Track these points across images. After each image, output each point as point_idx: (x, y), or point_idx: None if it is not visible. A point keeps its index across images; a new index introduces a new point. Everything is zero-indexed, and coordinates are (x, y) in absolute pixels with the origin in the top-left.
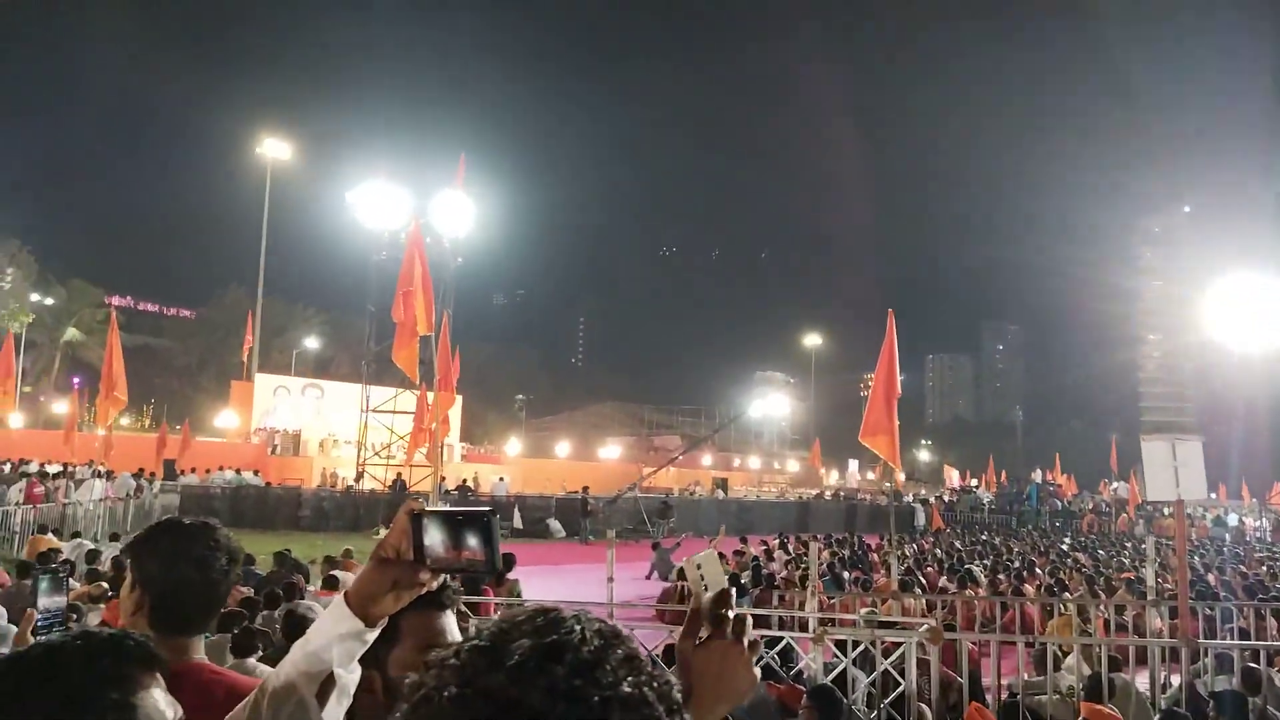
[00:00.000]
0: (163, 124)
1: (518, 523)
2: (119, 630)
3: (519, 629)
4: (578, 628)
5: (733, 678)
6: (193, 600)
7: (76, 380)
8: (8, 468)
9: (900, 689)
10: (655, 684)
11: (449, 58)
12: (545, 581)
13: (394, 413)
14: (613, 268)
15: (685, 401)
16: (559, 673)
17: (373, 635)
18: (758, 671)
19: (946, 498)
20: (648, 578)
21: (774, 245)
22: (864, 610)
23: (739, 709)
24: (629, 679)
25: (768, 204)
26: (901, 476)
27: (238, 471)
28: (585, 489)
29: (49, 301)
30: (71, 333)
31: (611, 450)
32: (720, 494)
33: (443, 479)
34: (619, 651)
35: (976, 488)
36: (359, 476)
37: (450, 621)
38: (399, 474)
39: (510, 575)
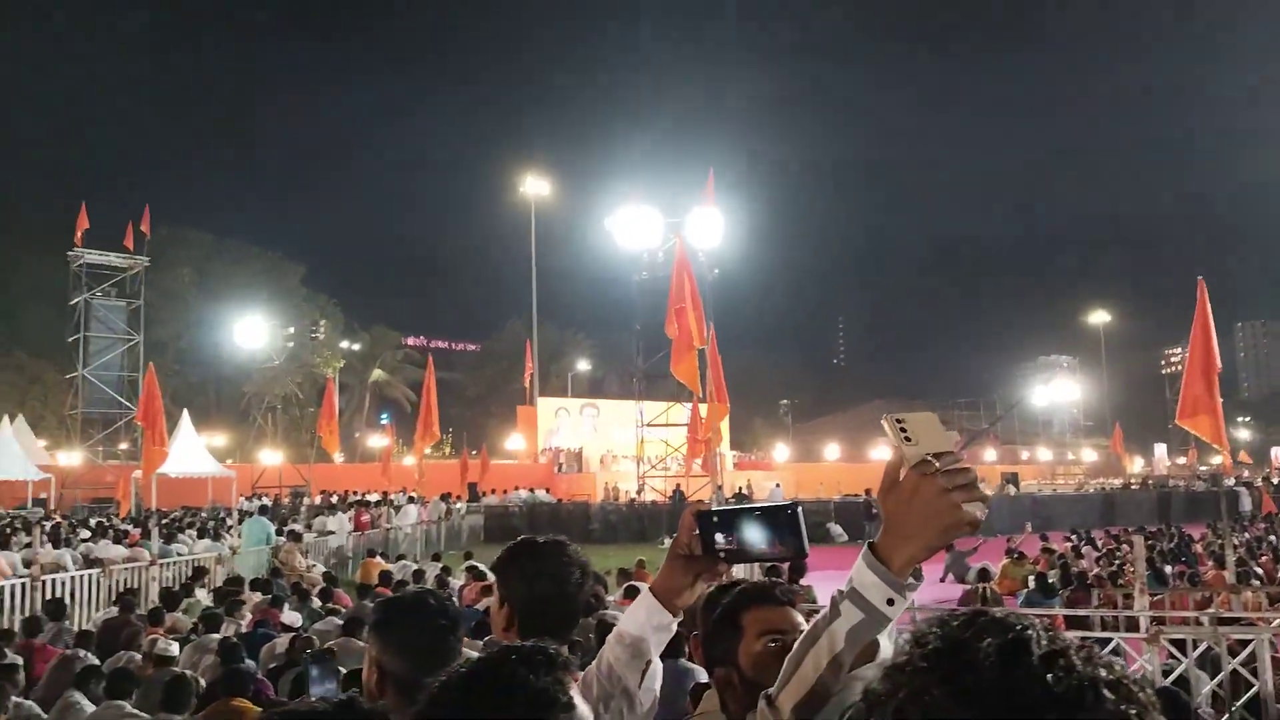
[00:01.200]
0: (438, 178)
1: None
2: (544, 644)
3: (963, 630)
4: (1021, 624)
5: (924, 512)
6: (554, 613)
7: (384, 416)
8: (334, 499)
9: (1254, 690)
10: (1115, 665)
11: (691, 78)
12: (835, 586)
13: (667, 425)
14: (870, 263)
15: (961, 394)
16: (1035, 665)
17: (676, 625)
18: (972, 510)
19: (1276, 479)
20: (942, 580)
21: (1046, 223)
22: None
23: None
24: (1097, 665)
25: (1034, 182)
26: (1228, 459)
27: (531, 490)
28: (868, 491)
29: (355, 347)
30: (377, 373)
31: (884, 450)
32: (1011, 489)
33: (719, 487)
34: (1066, 640)
35: None
36: (640, 489)
37: (793, 615)
38: (677, 485)
39: (803, 581)
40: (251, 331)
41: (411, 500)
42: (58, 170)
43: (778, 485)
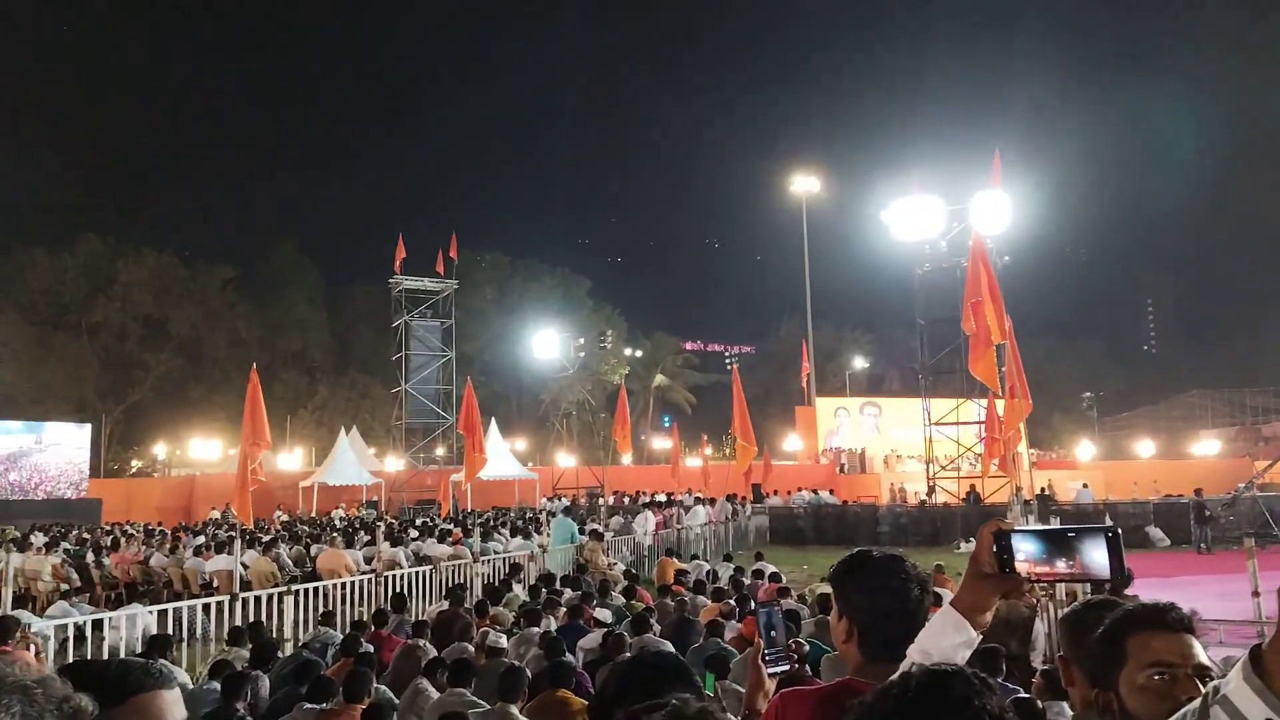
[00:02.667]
0: (708, 183)
1: None
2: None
3: None
4: None
5: None
6: (895, 627)
7: (665, 419)
8: (626, 500)
9: None
10: None
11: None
12: (1162, 597)
13: (957, 424)
14: (1183, 239)
15: None
16: None
17: (977, 641)
18: None
19: None
20: None
21: None
22: None
23: None
24: None
25: None
26: None
27: (815, 492)
28: (1198, 491)
29: (638, 354)
30: (659, 378)
31: (1208, 445)
32: None
33: (1018, 489)
34: None
35: None
36: (931, 491)
37: (1187, 644)
38: (972, 486)
39: (1128, 590)
40: (546, 343)
41: (699, 501)
42: (378, 209)
43: (1085, 485)
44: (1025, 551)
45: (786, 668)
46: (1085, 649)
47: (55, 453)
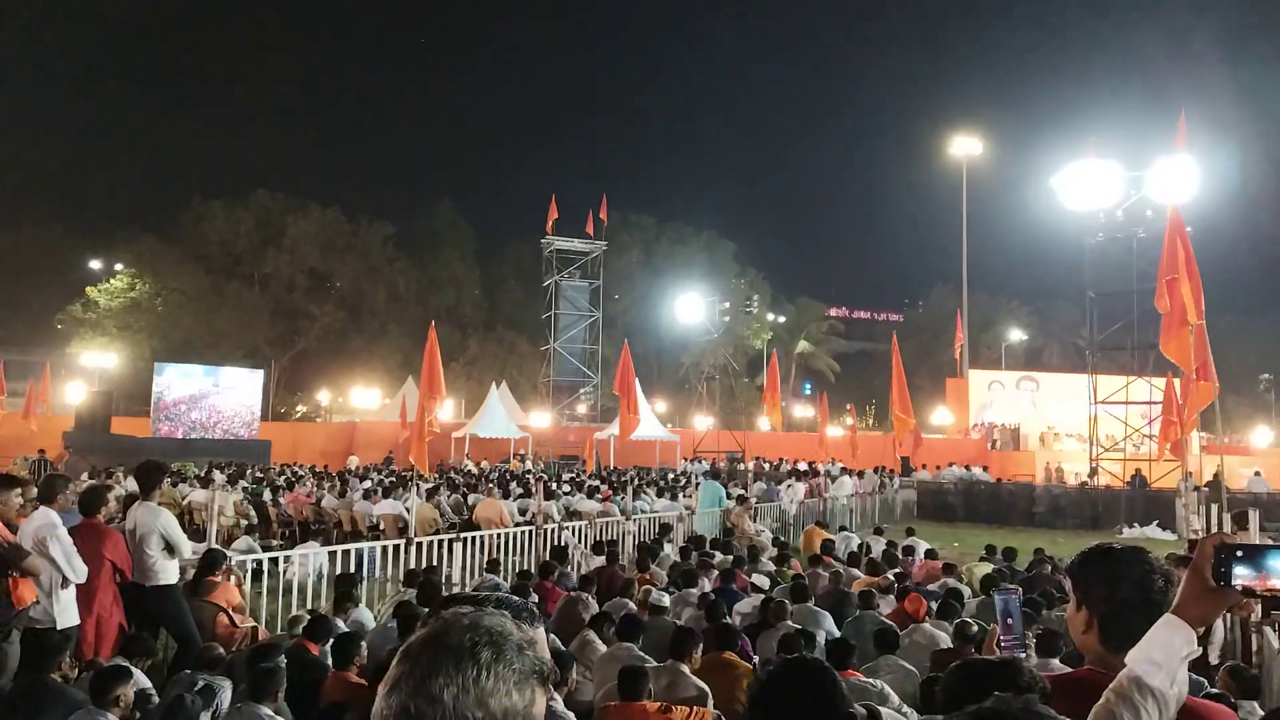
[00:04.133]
0: (859, 146)
1: None
2: None
3: None
4: None
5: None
6: (1136, 619)
7: (806, 386)
8: (766, 466)
9: None
10: None
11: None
12: None
13: (1125, 403)
14: None
15: None
16: None
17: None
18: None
19: None
20: None
21: None
22: None
23: None
24: None
25: None
26: None
27: (966, 468)
28: None
29: (781, 319)
30: (802, 344)
31: None
32: None
33: (1188, 474)
34: None
35: None
36: (1093, 472)
37: None
38: (1138, 469)
39: None
40: (690, 306)
41: (846, 472)
42: (534, 169)
43: (1257, 473)
44: (1245, 566)
45: (1025, 656)
46: None
47: (230, 395)
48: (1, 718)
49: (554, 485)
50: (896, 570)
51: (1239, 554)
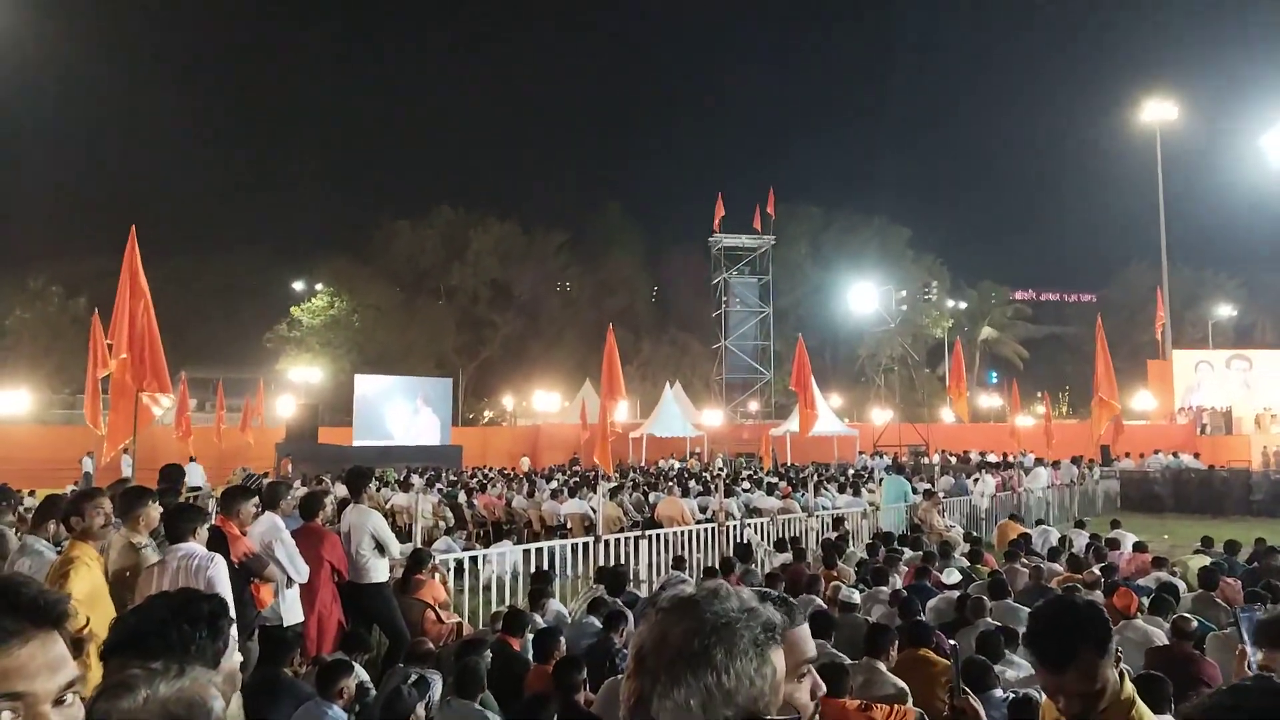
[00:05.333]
0: (1041, 114)
1: None
2: None
3: None
4: None
5: None
6: None
7: (991, 375)
8: (952, 459)
9: None
10: None
11: None
12: None
13: None
14: None
15: None
16: None
17: None
18: None
19: None
20: None
21: None
22: None
23: None
24: None
25: None
26: None
27: (1175, 455)
28: None
29: (962, 305)
30: (987, 331)
31: None
32: None
33: None
34: None
35: None
36: None
37: None
38: None
39: None
40: (864, 296)
41: (1040, 463)
42: (698, 170)
43: None
44: None
45: None
46: None
47: (424, 403)
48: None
49: (733, 483)
50: (1103, 564)
51: None
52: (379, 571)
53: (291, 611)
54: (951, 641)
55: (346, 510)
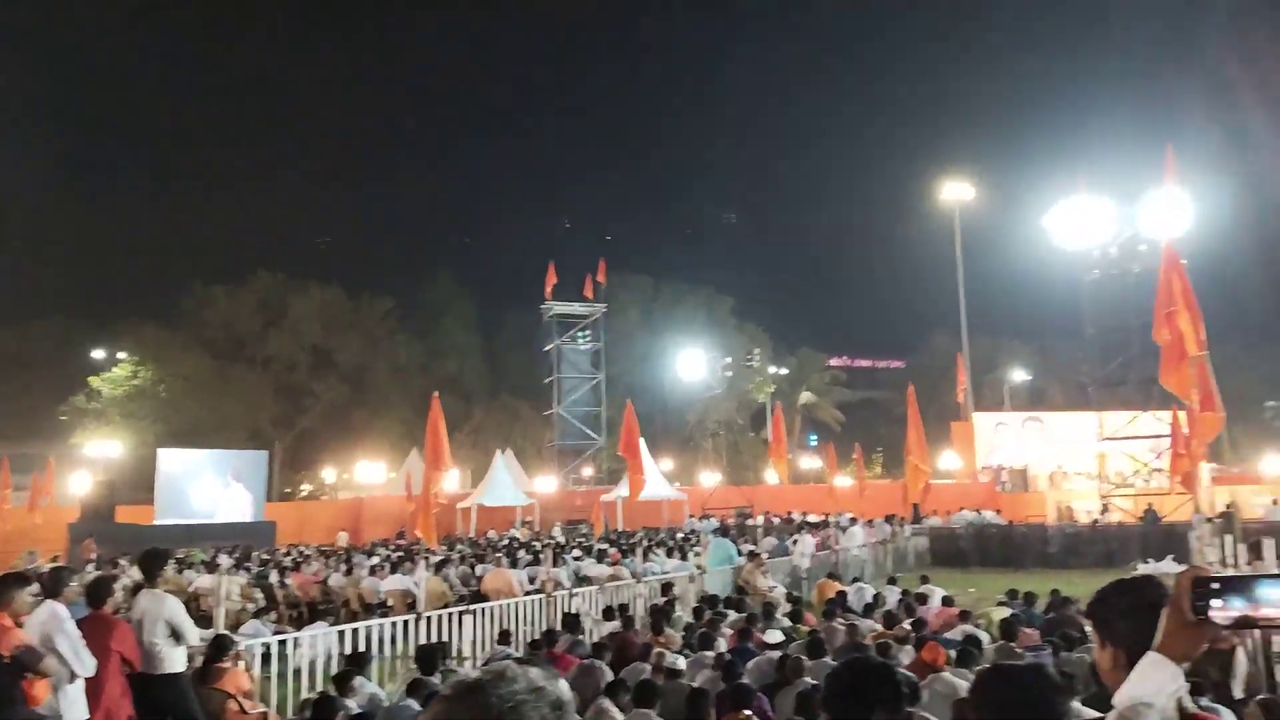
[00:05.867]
0: (851, 195)
1: None
2: None
3: None
4: None
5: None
6: None
7: (812, 437)
8: (776, 521)
9: None
10: None
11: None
12: None
13: (1131, 438)
14: None
15: None
16: None
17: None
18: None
19: None
20: None
21: None
22: None
23: None
24: None
25: None
26: None
27: (977, 511)
28: None
29: (784, 371)
30: (806, 395)
31: None
32: None
33: (1197, 509)
34: None
35: None
36: (1104, 509)
37: None
38: (1149, 504)
39: None
40: (692, 363)
41: (853, 521)
42: (530, 237)
43: (1275, 502)
44: (1225, 598)
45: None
46: None
47: (234, 479)
48: None
49: (561, 551)
50: (913, 619)
51: (1215, 586)
52: (174, 661)
53: (75, 708)
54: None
55: (139, 595)
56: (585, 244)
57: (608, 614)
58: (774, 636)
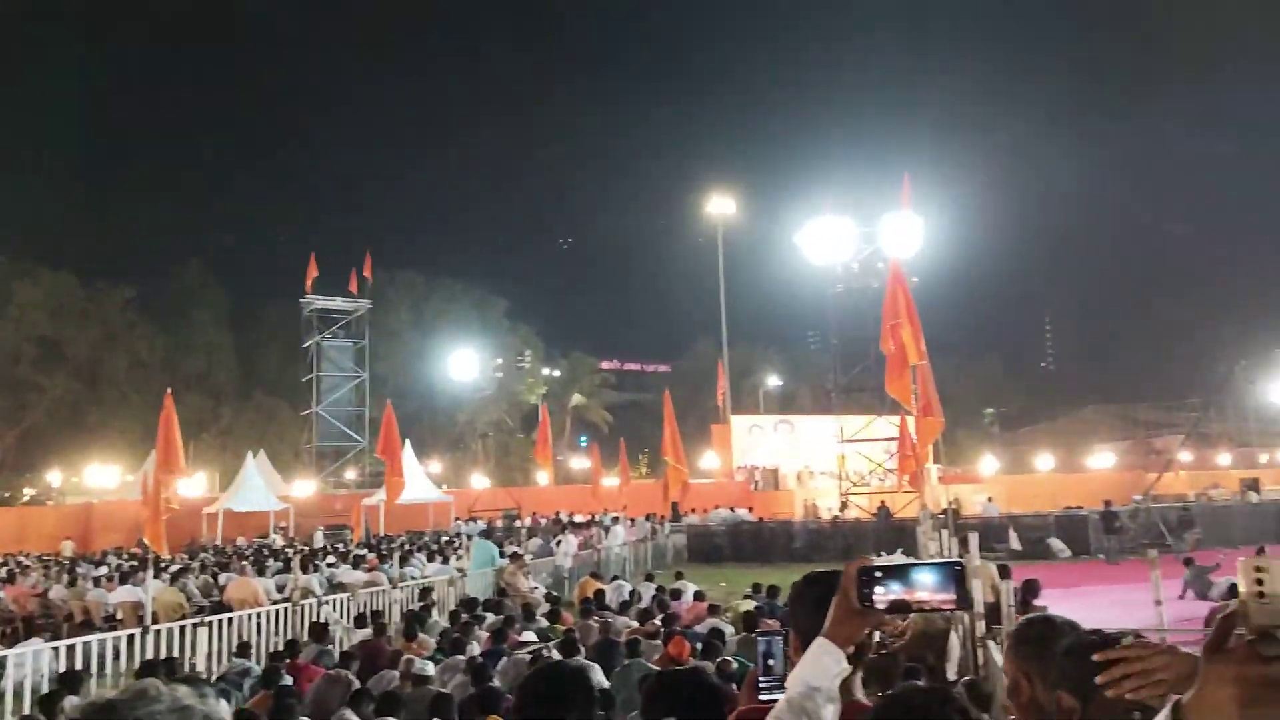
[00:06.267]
0: (624, 203)
1: (1015, 544)
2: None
3: None
4: None
5: (1239, 698)
6: None
7: (583, 439)
8: (543, 521)
9: None
10: None
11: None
12: (1068, 607)
13: (867, 440)
14: (1080, 259)
15: (1189, 395)
16: None
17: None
18: None
19: None
20: (1180, 597)
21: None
22: None
23: None
24: None
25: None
26: None
27: (731, 509)
28: (1108, 502)
29: (555, 373)
30: (576, 398)
31: (1104, 458)
32: (1254, 496)
33: (924, 506)
34: None
35: None
36: (843, 506)
37: None
38: (882, 502)
39: (1037, 601)
40: (463, 364)
41: (616, 520)
42: (290, 226)
43: (989, 499)
44: (882, 586)
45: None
46: (1050, 660)
47: None
48: None
49: (313, 557)
50: (665, 614)
51: (879, 575)
52: None
53: None
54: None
55: None
56: (352, 238)
57: (360, 621)
58: (529, 637)
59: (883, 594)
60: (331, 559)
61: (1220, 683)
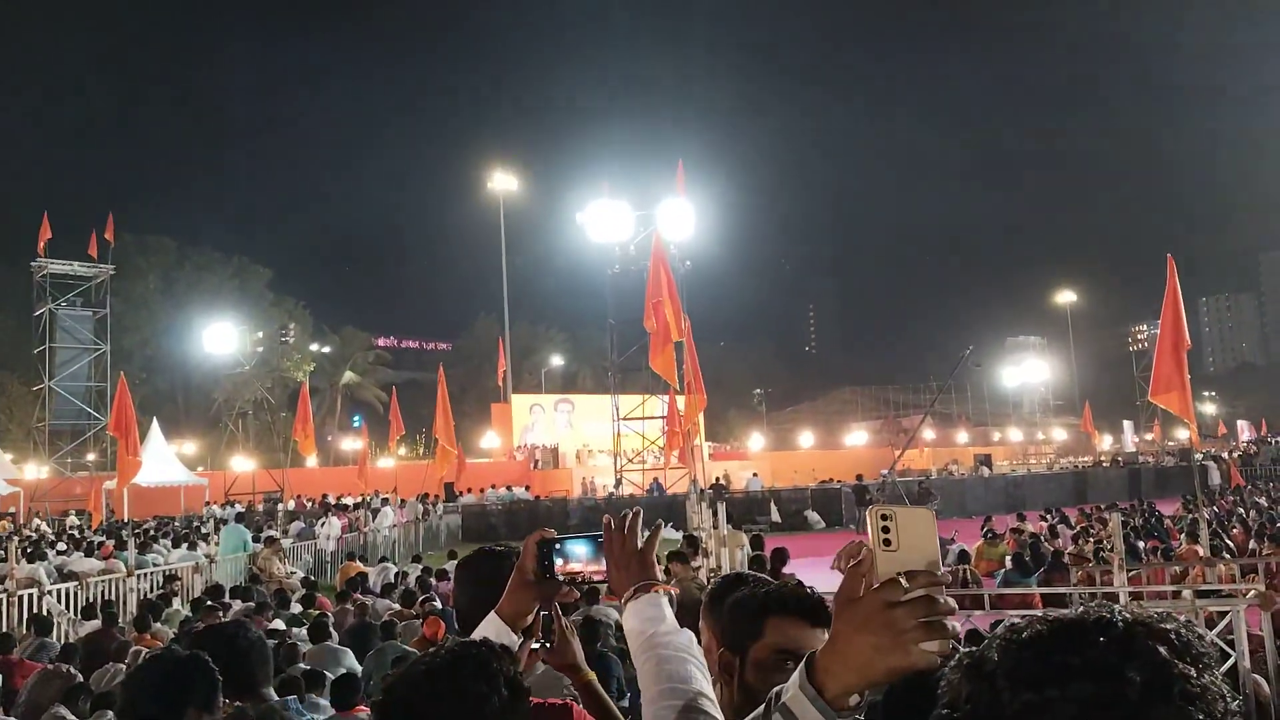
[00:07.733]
0: (405, 177)
1: (775, 516)
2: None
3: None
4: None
5: (873, 645)
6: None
7: (356, 419)
8: (309, 504)
9: (1230, 661)
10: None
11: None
12: (817, 575)
13: (643, 419)
14: (840, 251)
15: (933, 379)
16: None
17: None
18: (928, 653)
19: (1241, 452)
20: None
21: (1017, 206)
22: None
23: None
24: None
25: (1003, 164)
26: (1196, 434)
27: (508, 488)
28: (859, 477)
29: (326, 350)
30: (348, 376)
31: (858, 436)
32: (985, 471)
33: (694, 480)
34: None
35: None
36: (618, 483)
37: (819, 639)
38: (655, 478)
39: (785, 570)
40: (220, 337)
41: (385, 502)
42: (17, 179)
43: (755, 475)
44: (560, 557)
45: None
46: (719, 613)
47: None
48: None
49: (40, 544)
50: (425, 596)
51: (558, 546)
52: None
53: None
54: None
55: None
56: (93, 199)
57: (88, 612)
58: (278, 624)
59: (560, 565)
60: (62, 546)
61: (851, 631)
